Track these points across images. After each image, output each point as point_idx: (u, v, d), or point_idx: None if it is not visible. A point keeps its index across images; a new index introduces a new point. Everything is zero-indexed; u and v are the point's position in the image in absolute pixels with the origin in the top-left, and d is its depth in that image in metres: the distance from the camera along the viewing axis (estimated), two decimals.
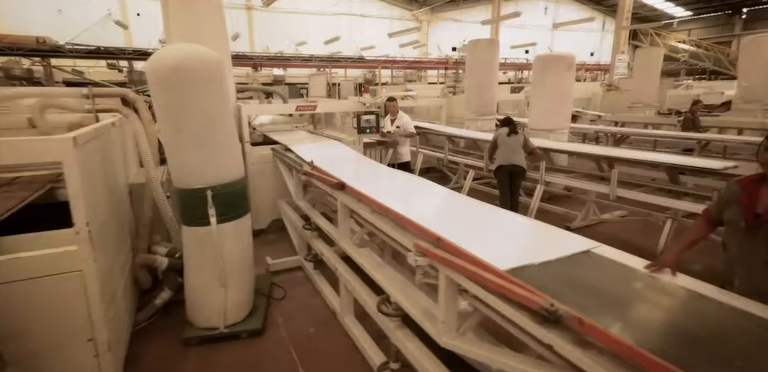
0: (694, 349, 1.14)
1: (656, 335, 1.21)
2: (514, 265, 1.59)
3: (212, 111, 2.49)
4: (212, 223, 2.59)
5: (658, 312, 1.42)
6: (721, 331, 1.23)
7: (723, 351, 1.13)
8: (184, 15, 3.96)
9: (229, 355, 2.69)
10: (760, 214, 1.74)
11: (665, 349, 1.12)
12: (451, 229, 2.03)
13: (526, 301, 1.27)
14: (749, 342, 1.20)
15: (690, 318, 1.34)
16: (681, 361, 1.06)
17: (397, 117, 5.79)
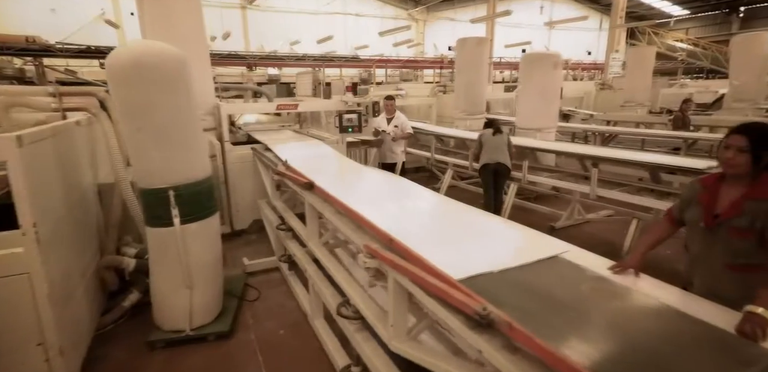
0: (625, 358, 1.09)
1: (594, 344, 1.16)
2: (470, 274, 1.51)
3: (174, 109, 2.44)
4: (175, 224, 2.54)
5: (602, 320, 1.34)
6: (660, 339, 1.18)
7: (653, 359, 1.08)
8: (159, 14, 3.91)
9: (194, 359, 2.64)
10: (718, 214, 1.70)
11: (598, 357, 1.07)
12: (414, 231, 1.99)
13: (462, 305, 1.22)
14: (687, 350, 1.15)
15: (633, 326, 1.28)
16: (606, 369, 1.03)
17: (394, 116, 5.64)
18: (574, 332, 1.19)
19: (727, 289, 1.68)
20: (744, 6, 24.29)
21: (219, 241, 2.99)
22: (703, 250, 1.78)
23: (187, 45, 4.02)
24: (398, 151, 5.66)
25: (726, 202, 1.69)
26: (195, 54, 4.16)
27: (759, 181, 1.61)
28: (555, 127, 6.02)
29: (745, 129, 1.63)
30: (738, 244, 1.65)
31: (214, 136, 4.45)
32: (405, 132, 5.63)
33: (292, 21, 19.42)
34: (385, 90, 10.46)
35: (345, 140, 5.09)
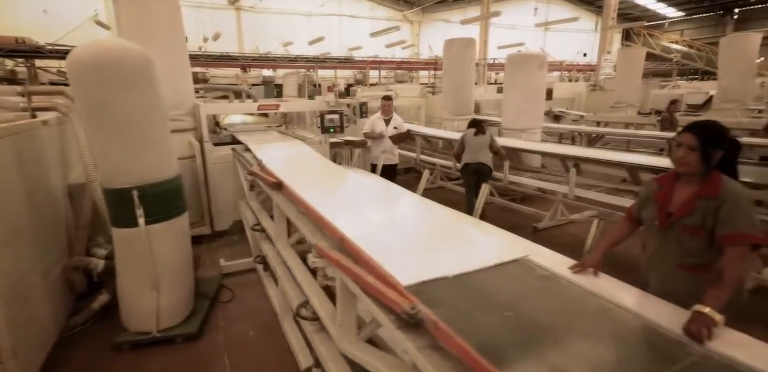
0: (546, 358, 1.07)
1: (520, 344, 1.13)
2: (423, 279, 1.44)
3: (137, 108, 2.42)
4: (140, 224, 2.52)
5: (539, 321, 1.30)
6: (591, 338, 1.16)
7: (576, 357, 1.06)
8: (135, 14, 3.89)
9: (159, 361, 2.61)
10: (672, 213, 1.68)
11: (520, 357, 1.05)
12: (378, 233, 1.95)
13: (393, 304, 1.20)
14: (614, 347, 1.13)
15: (566, 326, 1.25)
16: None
17: (391, 118, 5.43)
18: (505, 333, 1.17)
19: (679, 288, 1.67)
20: (738, 8, 24.36)
21: (188, 242, 2.96)
22: (657, 249, 1.76)
23: (165, 46, 4.05)
24: (396, 152, 5.52)
25: (679, 201, 1.68)
26: (173, 55, 4.17)
27: (709, 180, 1.60)
28: (540, 128, 6.01)
29: (695, 128, 1.61)
30: (689, 242, 1.63)
31: (193, 136, 4.43)
32: (404, 131, 5.50)
33: (287, 22, 19.43)
34: (375, 91, 10.46)
35: (328, 141, 5.07)
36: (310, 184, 2.83)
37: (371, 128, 5.35)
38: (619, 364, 1.04)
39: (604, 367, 1.02)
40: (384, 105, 5.44)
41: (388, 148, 5.33)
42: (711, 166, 1.60)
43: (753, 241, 1.48)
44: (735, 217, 1.50)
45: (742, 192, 1.53)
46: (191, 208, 4.43)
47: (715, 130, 1.59)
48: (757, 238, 1.48)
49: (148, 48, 3.84)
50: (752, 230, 1.48)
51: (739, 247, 1.48)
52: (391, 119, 5.40)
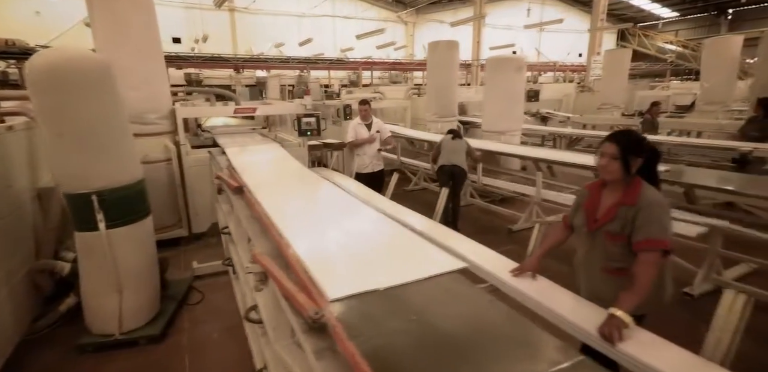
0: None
1: (415, 351, 1.14)
2: (352, 292, 1.39)
3: (95, 116, 2.47)
4: (101, 229, 2.57)
5: (445, 329, 1.28)
6: (490, 345, 1.20)
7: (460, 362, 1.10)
8: (109, 19, 3.93)
9: (121, 363, 2.66)
10: (598, 219, 1.73)
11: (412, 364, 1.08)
12: (324, 241, 1.93)
13: (301, 309, 1.25)
14: (500, 349, 1.16)
15: (467, 335, 1.26)
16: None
17: (371, 122, 5.11)
18: (406, 340, 1.19)
19: (605, 292, 1.72)
20: (732, 8, 24.43)
21: (152, 245, 3.01)
22: (586, 254, 1.81)
23: (140, 52, 4.10)
24: (381, 156, 5.27)
25: (605, 208, 1.73)
26: (148, 60, 4.22)
27: (630, 188, 1.65)
28: (519, 130, 6.06)
29: (615, 137, 1.67)
30: (612, 248, 1.68)
31: (170, 139, 4.47)
32: (389, 136, 5.23)
33: (281, 23, 19.49)
34: (362, 93, 10.51)
35: (307, 143, 5.12)
36: (272, 189, 2.85)
37: (355, 135, 5.05)
38: (499, 362, 1.08)
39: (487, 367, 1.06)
40: (361, 110, 5.11)
41: (375, 153, 5.11)
42: (631, 173, 1.64)
43: (663, 247, 1.53)
44: (648, 224, 1.55)
45: (657, 200, 1.58)
46: (168, 211, 4.52)
47: (634, 139, 1.65)
48: (664, 244, 1.53)
49: (123, 55, 3.96)
50: (663, 236, 1.53)
51: (650, 252, 1.53)
52: (372, 124, 5.14)
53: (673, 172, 3.72)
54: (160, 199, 4.42)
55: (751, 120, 5.26)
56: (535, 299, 1.80)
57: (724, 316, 1.44)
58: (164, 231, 4.51)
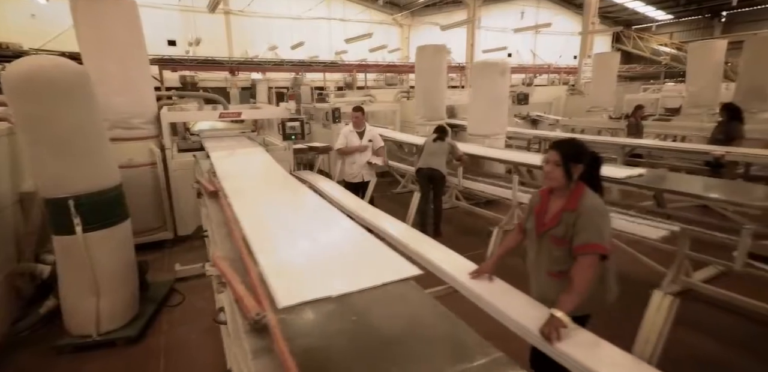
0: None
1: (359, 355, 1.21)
2: (305, 299, 1.44)
3: (72, 121, 2.54)
4: (77, 232, 2.64)
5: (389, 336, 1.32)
6: (419, 348, 1.26)
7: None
8: (93, 25, 4.00)
9: (98, 364, 2.72)
10: (545, 223, 1.80)
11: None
12: (289, 247, 1.97)
13: (246, 310, 1.32)
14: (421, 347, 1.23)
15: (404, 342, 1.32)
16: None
17: (364, 130, 4.82)
18: (342, 343, 1.25)
19: (550, 293, 1.79)
20: (726, 11, 24.59)
21: (130, 248, 3.07)
22: (534, 257, 1.89)
23: (125, 59, 4.17)
24: (372, 167, 4.99)
25: (551, 212, 1.80)
26: (133, 66, 4.29)
27: (573, 194, 1.72)
28: (504, 134, 6.14)
29: (557, 145, 1.74)
30: (556, 252, 1.76)
31: (155, 143, 4.54)
32: (381, 148, 4.96)
33: (276, 26, 19.57)
34: (354, 96, 10.58)
35: (292, 147, 5.19)
36: (247, 194, 2.91)
37: (346, 142, 4.78)
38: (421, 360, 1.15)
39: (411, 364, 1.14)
40: (354, 117, 4.80)
41: (365, 164, 4.81)
42: (573, 179, 1.72)
43: (599, 251, 1.60)
44: (586, 229, 1.62)
45: (596, 206, 1.66)
46: (153, 214, 4.58)
47: (575, 147, 1.72)
48: (601, 248, 1.60)
49: (107, 61, 4.04)
50: (599, 241, 1.60)
51: (587, 256, 1.61)
52: (365, 132, 4.82)
53: (647, 176, 3.78)
54: (145, 202, 4.50)
55: (719, 124, 5.37)
56: (488, 301, 1.87)
57: (653, 316, 1.51)
58: (149, 234, 4.58)
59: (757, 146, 5.44)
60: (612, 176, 3.75)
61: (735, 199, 2.87)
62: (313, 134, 8.65)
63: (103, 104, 4.06)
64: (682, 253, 3.34)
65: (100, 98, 4.05)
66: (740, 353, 2.74)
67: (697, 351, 2.76)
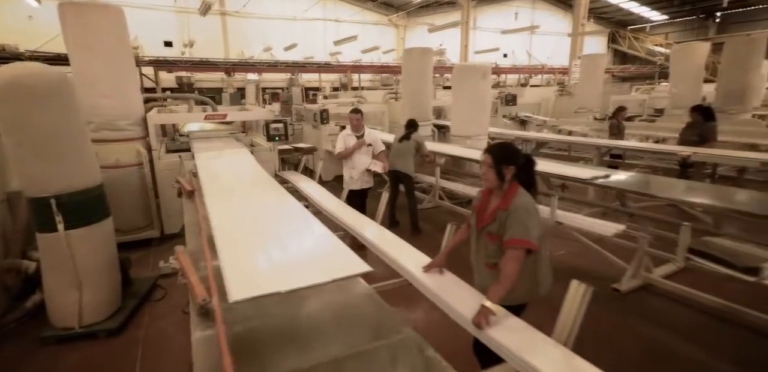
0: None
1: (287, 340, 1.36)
2: (257, 293, 1.48)
3: (53, 125, 2.68)
4: (59, 230, 2.79)
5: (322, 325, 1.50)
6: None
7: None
8: (81, 31, 4.15)
9: (80, 354, 2.87)
10: (483, 220, 1.95)
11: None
12: (249, 245, 2.12)
13: (195, 296, 1.47)
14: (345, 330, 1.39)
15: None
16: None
17: (363, 133, 4.53)
18: (275, 324, 1.42)
19: (487, 284, 1.93)
20: (720, 11, 24.74)
21: (112, 244, 3.22)
22: (475, 251, 2.04)
23: (112, 63, 4.31)
24: (371, 174, 4.72)
25: (489, 210, 1.95)
26: (120, 70, 4.43)
27: (506, 194, 1.88)
28: (486, 135, 6.29)
29: (490, 149, 1.90)
30: (491, 246, 1.91)
31: (142, 144, 4.68)
32: (381, 153, 4.70)
33: (272, 27, 19.71)
34: (345, 97, 10.73)
35: (276, 148, 5.35)
36: (223, 194, 3.04)
37: (344, 147, 4.51)
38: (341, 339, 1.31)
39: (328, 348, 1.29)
40: (352, 119, 4.49)
41: (364, 169, 4.53)
42: (505, 180, 1.87)
43: (524, 246, 1.75)
44: (514, 226, 1.77)
45: (525, 205, 1.81)
46: (140, 213, 4.73)
47: (506, 151, 1.87)
48: (527, 243, 1.75)
49: (94, 65, 4.19)
50: (525, 237, 1.75)
51: (514, 250, 1.76)
52: (364, 136, 4.52)
53: (613, 178, 3.92)
54: (132, 201, 4.65)
55: (690, 125, 5.50)
56: (434, 292, 2.03)
57: (570, 303, 1.66)
58: (136, 232, 4.72)
59: (734, 147, 5.62)
60: (578, 177, 3.91)
61: (680, 197, 3.03)
62: (303, 135, 8.82)
63: (90, 106, 4.28)
64: (642, 249, 3.50)
65: (88, 101, 4.28)
66: (685, 342, 2.89)
67: (646, 341, 2.92)
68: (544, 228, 1.92)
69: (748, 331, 2.93)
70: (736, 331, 2.97)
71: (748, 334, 2.91)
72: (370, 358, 1.22)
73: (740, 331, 2.95)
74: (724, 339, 2.93)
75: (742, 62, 7.08)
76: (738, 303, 2.99)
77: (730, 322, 3.04)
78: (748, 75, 7.05)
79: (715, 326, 3.06)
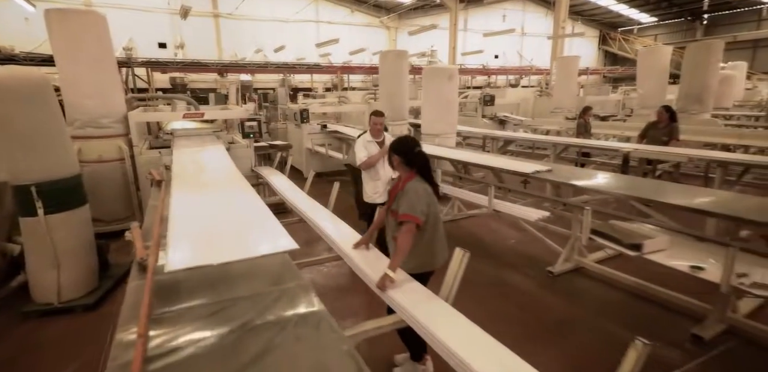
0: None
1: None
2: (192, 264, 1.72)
3: (35, 121, 3.03)
4: (39, 214, 3.13)
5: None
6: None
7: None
8: (66, 35, 4.50)
9: (59, 325, 3.21)
10: (391, 201, 2.31)
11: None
12: (196, 222, 2.46)
13: (137, 255, 1.82)
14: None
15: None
16: None
17: (383, 139, 3.89)
18: (197, 276, 1.75)
19: None
20: (706, 14, 25.16)
21: (89, 229, 3.56)
22: (387, 227, 2.39)
23: (94, 65, 4.66)
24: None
25: (394, 194, 2.31)
26: (102, 71, 4.78)
27: (404, 180, 2.25)
28: (454, 133, 6.64)
29: (393, 142, 2.27)
30: (394, 222, 2.26)
31: (123, 141, 5.03)
32: None
33: (265, 29, 20.06)
34: (331, 97, 11.08)
35: (252, 144, 5.70)
36: (188, 184, 3.35)
37: (367, 154, 3.83)
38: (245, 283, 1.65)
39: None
40: (375, 123, 3.83)
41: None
42: (394, 167, 2.24)
43: (411, 220, 2.10)
44: (404, 204, 2.14)
45: (415, 188, 2.18)
46: (122, 204, 5.08)
47: (398, 143, 2.26)
48: (412, 218, 2.10)
49: (78, 67, 4.54)
50: (411, 212, 2.10)
51: (405, 224, 2.11)
52: (384, 142, 3.87)
53: (555, 172, 4.25)
54: (115, 193, 4.99)
55: (654, 124, 5.83)
56: (357, 264, 2.38)
57: (455, 267, 2.00)
58: (119, 222, 5.06)
59: (696, 146, 5.98)
60: (521, 171, 4.26)
61: (593, 187, 3.42)
62: (288, 134, 9.18)
63: (74, 106, 4.64)
64: (575, 235, 3.85)
65: (73, 100, 4.64)
66: (595, 314, 3.25)
67: (557, 314, 3.27)
68: (436, 209, 2.27)
69: (658, 307, 3.28)
70: (646, 306, 3.32)
71: (657, 309, 3.27)
72: (264, 299, 1.56)
73: (650, 307, 3.31)
74: (635, 312, 3.29)
75: (701, 65, 7.44)
76: (656, 283, 3.33)
77: (645, 299, 3.40)
78: (707, 77, 7.41)
79: (630, 302, 3.42)
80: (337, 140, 8.00)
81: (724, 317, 2.82)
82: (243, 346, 1.29)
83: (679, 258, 2.72)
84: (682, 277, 2.77)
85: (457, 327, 1.72)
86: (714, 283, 2.54)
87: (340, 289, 3.75)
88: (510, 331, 2.90)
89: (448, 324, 1.74)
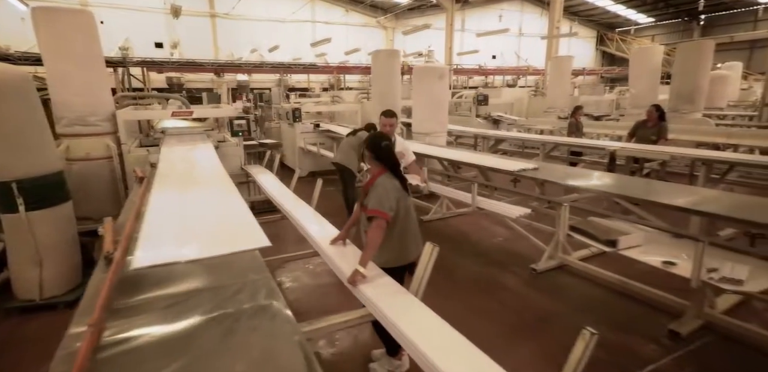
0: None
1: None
2: (160, 261, 1.78)
3: (15, 118, 3.04)
4: (20, 211, 3.14)
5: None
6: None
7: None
8: (53, 33, 4.50)
9: (40, 322, 3.21)
10: (364, 197, 2.32)
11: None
12: (170, 219, 2.45)
13: (104, 249, 1.83)
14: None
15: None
16: None
17: (394, 142, 3.34)
18: (163, 273, 1.76)
19: None
20: (703, 15, 25.21)
21: (72, 226, 3.56)
22: (360, 222, 2.41)
23: (82, 63, 4.67)
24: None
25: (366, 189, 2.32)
26: (90, 70, 4.78)
27: (373, 176, 2.26)
28: (444, 132, 6.65)
29: (367, 138, 2.28)
30: (365, 217, 2.27)
31: (111, 139, 5.03)
32: (412, 162, 4.16)
33: (261, 29, 20.09)
34: (325, 97, 11.10)
35: (242, 143, 5.71)
36: (170, 182, 3.36)
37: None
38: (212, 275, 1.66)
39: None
40: (386, 124, 3.71)
41: None
42: (365, 162, 2.24)
43: (378, 215, 2.11)
44: (372, 199, 2.16)
45: (383, 184, 2.20)
46: (110, 202, 5.08)
47: (370, 139, 2.27)
48: (379, 213, 2.11)
49: (67, 66, 4.54)
50: (378, 207, 2.12)
51: (374, 219, 2.12)
52: (395, 143, 3.34)
53: (541, 170, 4.27)
54: (103, 191, 4.99)
55: (643, 123, 5.84)
56: (333, 260, 2.38)
57: (424, 261, 2.01)
58: None
59: (688, 145, 6.00)
60: (507, 169, 4.27)
61: (585, 186, 3.42)
62: (282, 133, 9.19)
63: (62, 104, 4.65)
64: (558, 234, 3.86)
65: (60, 98, 4.64)
66: (574, 310, 3.26)
67: (536, 310, 3.28)
68: (407, 203, 2.29)
69: (639, 304, 3.29)
70: (627, 303, 3.33)
71: (638, 305, 3.28)
72: (225, 291, 1.57)
73: (631, 303, 3.32)
74: (616, 308, 3.30)
75: (693, 65, 7.46)
76: (639, 281, 3.34)
77: (626, 296, 3.41)
78: (698, 77, 7.43)
79: (611, 299, 3.43)
80: (330, 139, 8.02)
81: (701, 313, 2.83)
82: (197, 334, 1.30)
83: (653, 254, 2.73)
84: (664, 275, 2.78)
85: (422, 320, 1.73)
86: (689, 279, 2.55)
87: (327, 285, 3.75)
88: (488, 326, 2.92)
89: (414, 317, 1.75)
